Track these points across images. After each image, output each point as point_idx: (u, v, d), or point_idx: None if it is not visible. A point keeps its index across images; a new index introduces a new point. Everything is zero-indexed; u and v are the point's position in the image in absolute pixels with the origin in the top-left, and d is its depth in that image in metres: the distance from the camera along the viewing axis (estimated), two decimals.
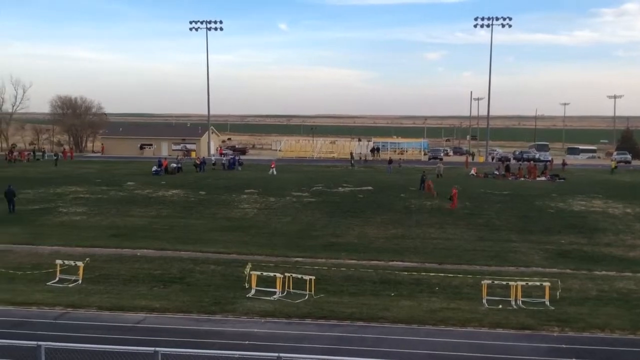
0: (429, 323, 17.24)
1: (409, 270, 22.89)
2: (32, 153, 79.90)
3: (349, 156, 79.15)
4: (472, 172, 62.26)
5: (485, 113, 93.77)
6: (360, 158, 76.72)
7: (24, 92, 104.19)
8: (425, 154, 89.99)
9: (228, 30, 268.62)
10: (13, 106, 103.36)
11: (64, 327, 16.57)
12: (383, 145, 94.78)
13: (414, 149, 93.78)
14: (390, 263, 24.16)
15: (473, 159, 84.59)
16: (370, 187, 48.72)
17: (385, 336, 16.19)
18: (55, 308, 18.24)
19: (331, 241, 28.22)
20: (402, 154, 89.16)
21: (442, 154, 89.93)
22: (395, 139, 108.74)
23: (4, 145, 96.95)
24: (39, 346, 9.72)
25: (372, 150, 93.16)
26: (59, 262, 21.58)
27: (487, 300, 19.07)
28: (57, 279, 20.97)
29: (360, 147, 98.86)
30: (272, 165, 61.84)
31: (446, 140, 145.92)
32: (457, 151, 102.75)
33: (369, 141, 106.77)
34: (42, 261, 23.39)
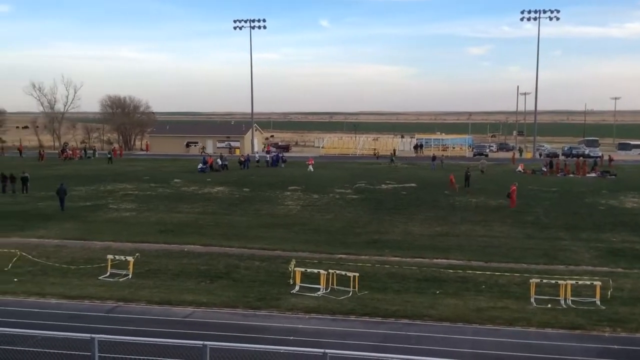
0: (475, 322, 17.01)
1: (454, 268, 22.63)
2: (83, 151, 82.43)
3: (383, 153, 78.96)
4: (519, 168, 60.98)
5: (533, 108, 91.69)
6: (391, 155, 76.21)
7: (75, 92, 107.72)
8: (470, 150, 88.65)
9: (271, 28, 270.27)
10: (65, 106, 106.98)
11: (116, 320, 17.06)
12: (426, 142, 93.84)
13: (458, 145, 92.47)
14: (435, 260, 23.92)
15: (521, 155, 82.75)
16: (413, 184, 48.36)
17: (430, 334, 16.07)
18: (107, 302, 18.80)
19: (374, 238, 28.14)
20: (445, 150, 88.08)
21: (487, 150, 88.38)
22: (438, 135, 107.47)
23: (57, 143, 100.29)
24: (93, 339, 10.00)
25: (415, 147, 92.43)
26: (110, 257, 22.22)
27: (536, 299, 18.68)
28: (108, 273, 21.60)
29: (403, 144, 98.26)
30: (310, 162, 62.31)
31: (491, 136, 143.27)
32: (503, 147, 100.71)
33: (411, 138, 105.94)
34: (94, 256, 24.12)
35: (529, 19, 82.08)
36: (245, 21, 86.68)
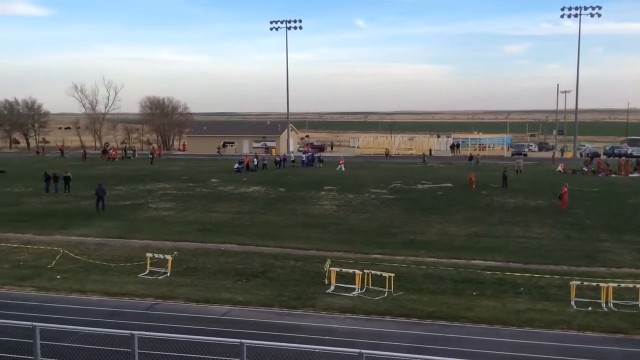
0: (513, 324, 16.74)
1: (492, 269, 22.31)
2: (123, 151, 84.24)
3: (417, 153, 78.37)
4: (559, 168, 59.74)
5: (573, 106, 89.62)
6: (424, 154, 75.56)
7: (116, 94, 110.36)
8: (508, 150, 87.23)
9: (307, 29, 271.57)
10: (106, 107, 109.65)
11: (155, 317, 17.39)
12: (463, 141, 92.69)
13: (496, 144, 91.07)
14: (472, 262, 23.62)
15: (562, 155, 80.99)
16: (450, 184, 47.87)
17: (468, 336, 15.88)
18: (146, 299, 19.18)
19: (410, 238, 27.96)
20: (483, 149, 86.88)
21: (526, 150, 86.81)
22: (476, 135, 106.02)
23: (98, 144, 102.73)
24: (133, 335, 10.22)
25: (452, 147, 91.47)
26: (149, 255, 22.66)
27: (576, 302, 18.27)
28: (147, 271, 22.03)
29: (439, 144, 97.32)
30: (341, 162, 62.51)
31: (530, 136, 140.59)
32: (543, 147, 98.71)
33: (448, 137, 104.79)
34: (133, 254, 24.63)
35: (569, 16, 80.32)
36: (282, 22, 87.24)
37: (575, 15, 79.85)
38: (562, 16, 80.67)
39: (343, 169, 60.51)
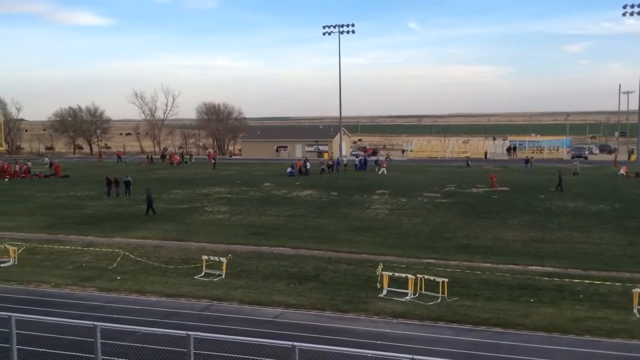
0: (572, 332, 16.21)
1: (550, 275, 21.67)
2: (181, 156, 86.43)
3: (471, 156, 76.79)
4: (622, 171, 57.46)
5: (636, 107, 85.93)
6: (467, 158, 73.93)
7: (174, 100, 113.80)
8: (568, 152, 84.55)
9: (359, 32, 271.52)
10: (164, 113, 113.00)
11: (209, 318, 17.74)
12: (520, 144, 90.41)
13: (554, 147, 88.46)
14: (529, 267, 23.01)
15: (629, 158, 77.75)
16: (506, 188, 46.80)
17: (524, 344, 15.48)
18: (201, 300, 19.60)
19: (464, 243, 27.50)
20: (540, 152, 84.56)
21: (586, 152, 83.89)
22: (533, 137, 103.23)
23: (157, 149, 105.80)
24: (189, 335, 10.48)
25: (508, 149, 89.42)
26: (204, 257, 23.16)
27: (639, 310, 17.53)
28: (203, 273, 22.52)
29: (495, 146, 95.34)
30: (384, 165, 62.33)
31: (591, 138, 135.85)
32: (604, 149, 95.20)
33: (504, 140, 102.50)
34: (190, 256, 25.23)
35: (631, 14, 77.09)
36: (334, 26, 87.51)
37: (638, 13, 76.66)
38: (623, 14, 77.56)
39: (385, 172, 60.49)
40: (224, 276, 22.06)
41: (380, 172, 60.52)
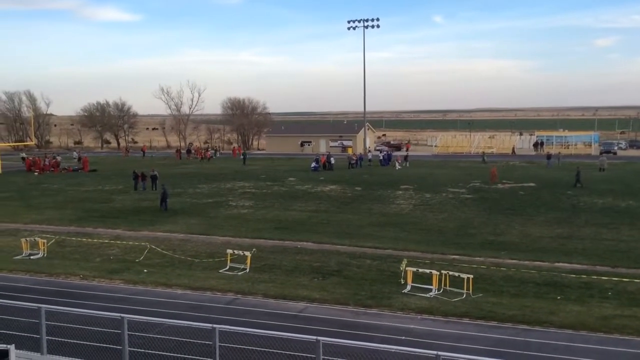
0: (600, 330, 15.94)
1: (577, 272, 21.33)
2: (207, 150, 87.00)
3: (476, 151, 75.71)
4: None
5: None
6: (484, 153, 72.42)
7: (199, 95, 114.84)
8: (597, 148, 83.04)
9: (384, 27, 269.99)
10: (190, 108, 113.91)
11: (234, 311, 17.89)
12: (547, 139, 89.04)
13: (582, 142, 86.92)
14: (556, 264, 22.69)
15: None
16: (532, 184, 46.19)
17: (551, 341, 15.28)
18: (226, 294, 19.77)
19: (490, 239, 27.22)
20: (568, 147, 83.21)
21: (615, 148, 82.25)
22: (561, 132, 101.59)
23: (182, 144, 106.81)
24: (214, 328, 10.57)
25: (535, 145, 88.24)
26: (229, 251, 23.35)
27: None
28: (228, 267, 22.70)
29: (521, 142, 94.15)
30: (398, 160, 62.15)
31: (620, 133, 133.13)
32: (634, 144, 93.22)
33: (531, 135, 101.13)
34: (215, 250, 25.44)
35: None
36: (359, 21, 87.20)
37: None
38: None
39: (399, 167, 60.49)
40: (248, 270, 22.21)
41: (397, 168, 60.33)
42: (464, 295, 18.80)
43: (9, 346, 9.72)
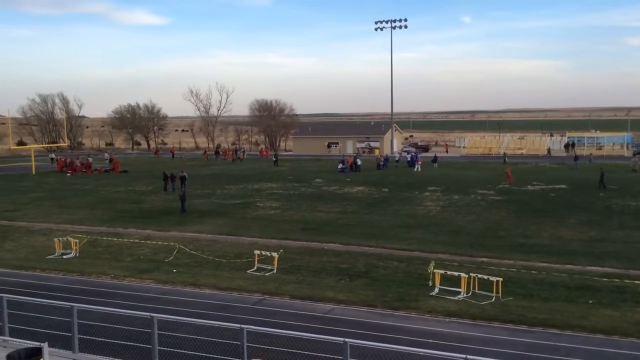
0: (633, 335, 15.60)
1: (610, 276, 20.90)
2: (235, 152, 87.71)
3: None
4: None
5: None
6: (504, 154, 70.89)
7: (227, 97, 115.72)
8: (630, 149, 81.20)
9: (412, 27, 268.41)
10: (218, 110, 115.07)
11: (262, 312, 18.00)
12: (579, 140, 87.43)
13: (615, 143, 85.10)
14: (588, 268, 22.26)
15: None
16: (564, 185, 45.40)
17: (582, 346, 15.01)
18: (254, 294, 19.90)
19: (520, 242, 26.84)
20: (600, 149, 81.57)
21: None
22: (593, 133, 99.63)
23: (211, 145, 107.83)
24: (242, 329, 10.65)
25: (567, 146, 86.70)
26: (257, 252, 23.49)
27: None
28: (255, 267, 22.85)
29: (552, 143, 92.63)
30: (419, 162, 61.61)
31: None
32: None
33: (562, 136, 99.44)
34: (242, 251, 25.62)
35: None
36: (387, 22, 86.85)
37: None
38: None
39: (419, 169, 59.99)
40: (275, 271, 22.31)
41: (415, 169, 59.90)
42: (493, 299, 18.58)
43: (42, 344, 9.93)
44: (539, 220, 31.83)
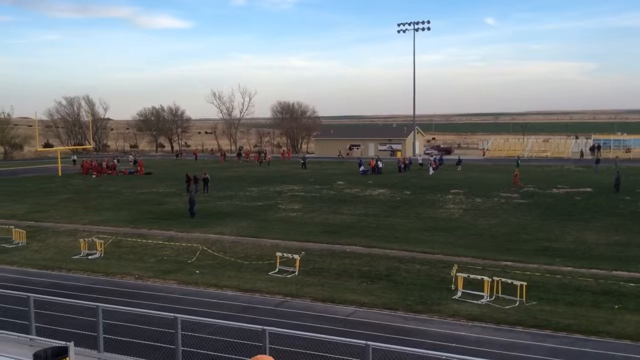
0: None
1: (637, 281, 20.51)
2: (259, 154, 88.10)
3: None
4: None
5: None
6: (518, 157, 69.68)
7: (250, 100, 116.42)
8: None
9: (435, 29, 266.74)
10: (241, 112, 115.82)
11: (283, 314, 18.05)
12: (604, 143, 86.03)
13: None
14: (614, 272, 21.88)
15: None
16: (589, 189, 44.72)
17: (607, 352, 14.76)
18: (275, 296, 19.96)
19: (544, 246, 26.50)
20: (628, 151, 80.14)
21: None
22: (619, 136, 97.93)
23: (233, 147, 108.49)
24: (264, 330, 10.71)
25: (592, 149, 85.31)
26: (278, 254, 23.57)
27: None
28: (277, 269, 22.92)
29: (577, 146, 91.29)
30: (432, 165, 61.12)
31: None
32: None
33: (587, 139, 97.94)
34: (264, 253, 25.73)
35: None
36: (409, 24, 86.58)
37: None
38: None
39: (432, 172, 59.43)
40: (297, 273, 22.36)
41: (430, 173, 59.43)
42: (517, 303, 18.38)
43: (68, 343, 10.09)
44: (564, 223, 31.40)
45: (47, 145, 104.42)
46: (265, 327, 10.72)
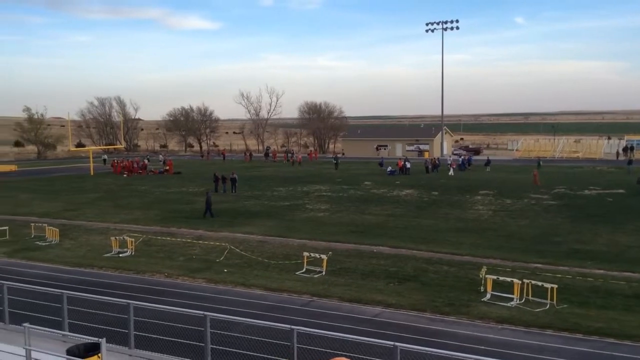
0: None
1: None
2: (286, 154, 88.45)
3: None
4: None
5: None
6: (539, 158, 68.19)
7: (277, 100, 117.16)
8: None
9: (463, 29, 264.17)
10: (268, 112, 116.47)
11: (310, 314, 18.10)
12: (638, 143, 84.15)
13: None
14: None
15: None
16: (621, 190, 43.80)
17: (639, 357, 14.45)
18: (302, 296, 20.03)
19: (575, 248, 26.05)
20: None
21: None
22: None
23: (261, 147, 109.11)
24: (292, 330, 10.77)
25: (625, 149, 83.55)
26: (305, 254, 23.64)
27: None
28: (304, 269, 22.99)
29: (609, 146, 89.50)
30: (452, 166, 60.38)
31: None
32: None
33: (620, 139, 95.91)
34: (291, 252, 25.85)
35: None
36: (438, 23, 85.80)
37: None
38: None
39: (453, 173, 58.69)
40: (324, 273, 22.40)
41: (450, 173, 58.77)
42: (548, 306, 18.11)
43: (100, 340, 10.29)
44: (596, 225, 30.82)
45: (80, 145, 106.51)
46: (293, 327, 10.77)
